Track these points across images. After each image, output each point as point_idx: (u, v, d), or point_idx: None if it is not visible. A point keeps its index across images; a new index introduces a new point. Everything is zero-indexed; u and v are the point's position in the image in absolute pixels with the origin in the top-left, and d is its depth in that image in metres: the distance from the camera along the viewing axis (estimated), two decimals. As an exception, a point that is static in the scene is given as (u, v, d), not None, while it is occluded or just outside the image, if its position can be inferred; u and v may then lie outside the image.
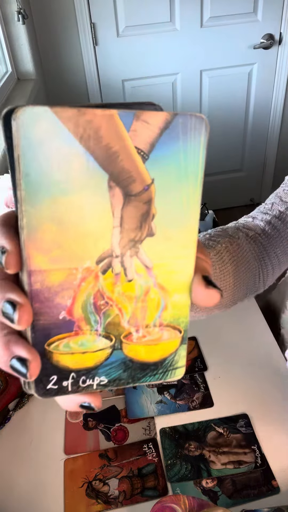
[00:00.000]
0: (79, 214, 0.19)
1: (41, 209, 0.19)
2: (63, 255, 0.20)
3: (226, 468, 0.62)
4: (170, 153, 0.20)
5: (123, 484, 0.61)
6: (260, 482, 0.60)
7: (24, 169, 0.18)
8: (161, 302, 0.23)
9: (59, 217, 0.19)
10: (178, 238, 0.21)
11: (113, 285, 0.21)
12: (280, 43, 2.13)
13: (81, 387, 0.23)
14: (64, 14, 1.91)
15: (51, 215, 0.19)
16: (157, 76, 2.14)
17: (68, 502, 0.59)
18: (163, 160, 0.20)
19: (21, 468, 0.64)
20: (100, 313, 0.22)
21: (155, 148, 0.19)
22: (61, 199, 0.19)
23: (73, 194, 0.19)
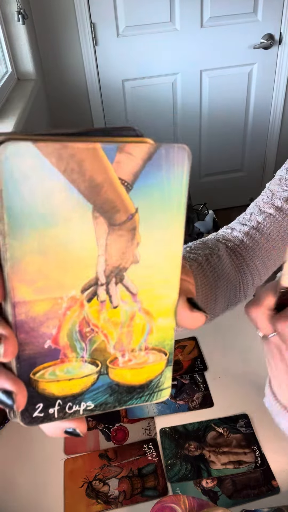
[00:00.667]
0: (64, 245, 0.19)
1: (25, 242, 0.19)
2: (48, 285, 0.20)
3: (226, 468, 0.62)
4: (154, 183, 0.20)
5: (123, 484, 0.61)
6: (260, 482, 0.60)
7: (7, 203, 0.18)
8: (146, 326, 0.23)
9: (44, 248, 0.19)
10: (163, 264, 0.22)
11: (98, 312, 0.22)
12: (280, 43, 2.13)
13: (67, 414, 0.23)
14: (64, 14, 1.91)
15: (36, 247, 0.19)
16: (157, 76, 2.14)
17: (68, 502, 0.59)
18: (147, 189, 0.20)
19: (21, 468, 0.64)
20: (86, 340, 0.22)
21: (138, 178, 0.20)
22: (46, 231, 0.19)
23: (58, 226, 0.19)
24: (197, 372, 0.77)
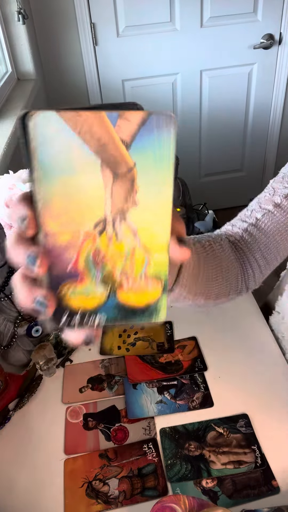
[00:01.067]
0: (80, 190, 0.26)
1: (52, 186, 0.25)
2: (68, 221, 0.26)
3: (226, 468, 0.62)
4: (147, 143, 0.25)
5: (123, 484, 0.61)
6: (260, 482, 0.60)
7: (39, 157, 0.24)
8: (145, 259, 0.29)
9: (65, 192, 0.26)
10: (156, 208, 0.27)
11: (107, 245, 0.28)
12: (280, 43, 2.13)
13: (85, 323, 0.29)
14: (64, 14, 1.91)
15: (60, 190, 0.26)
16: (157, 76, 2.14)
17: (68, 502, 0.59)
18: (142, 148, 0.25)
19: (21, 468, 0.64)
20: (98, 267, 0.28)
21: (135, 139, 0.25)
22: (67, 179, 0.25)
23: (75, 175, 0.25)
24: (197, 372, 0.77)
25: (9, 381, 0.70)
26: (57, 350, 0.81)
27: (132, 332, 0.85)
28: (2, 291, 0.73)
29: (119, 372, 0.78)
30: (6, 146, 1.16)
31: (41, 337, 0.80)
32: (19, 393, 0.72)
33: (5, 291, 0.73)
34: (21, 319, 0.77)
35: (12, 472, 0.64)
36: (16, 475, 0.63)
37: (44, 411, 0.72)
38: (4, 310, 0.74)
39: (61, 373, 0.79)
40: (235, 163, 2.52)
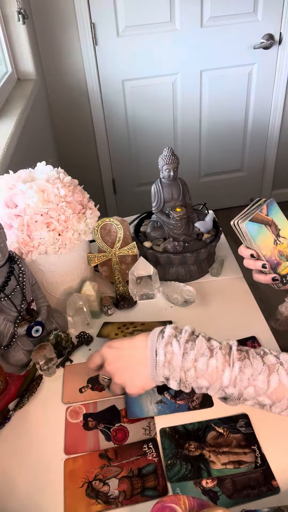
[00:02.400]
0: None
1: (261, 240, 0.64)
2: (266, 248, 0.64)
3: (226, 468, 0.62)
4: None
5: (123, 484, 0.61)
6: (260, 482, 0.60)
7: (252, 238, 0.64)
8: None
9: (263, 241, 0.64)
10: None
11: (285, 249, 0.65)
12: (280, 43, 2.13)
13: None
14: (64, 14, 1.91)
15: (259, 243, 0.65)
16: (157, 76, 2.14)
17: (68, 502, 0.59)
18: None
19: (21, 468, 0.64)
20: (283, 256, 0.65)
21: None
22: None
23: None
24: (197, 372, 0.77)
25: (9, 381, 0.70)
26: (57, 350, 0.81)
27: (131, 326, 0.85)
28: (2, 291, 0.73)
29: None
30: (6, 146, 1.16)
31: (41, 337, 0.80)
32: (19, 393, 0.72)
33: (5, 291, 0.73)
34: (21, 319, 0.77)
35: (12, 472, 0.64)
36: (16, 475, 0.63)
37: (44, 411, 0.72)
38: (4, 310, 0.74)
39: (61, 373, 0.79)
40: (235, 163, 2.52)
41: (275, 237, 0.63)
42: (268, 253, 0.63)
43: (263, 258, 0.63)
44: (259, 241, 0.62)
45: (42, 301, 0.83)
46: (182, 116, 2.27)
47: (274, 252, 0.64)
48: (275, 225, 0.63)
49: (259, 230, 0.62)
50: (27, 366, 0.76)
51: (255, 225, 0.62)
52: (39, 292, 0.83)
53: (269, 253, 0.63)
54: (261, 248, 0.63)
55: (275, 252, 0.64)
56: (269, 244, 0.63)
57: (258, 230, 0.62)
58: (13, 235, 0.79)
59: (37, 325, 0.79)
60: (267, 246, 0.63)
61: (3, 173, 0.89)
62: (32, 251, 0.79)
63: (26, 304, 0.77)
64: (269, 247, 0.63)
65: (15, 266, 0.76)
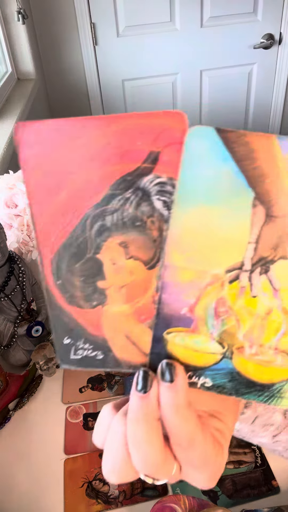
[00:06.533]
0: (219, 225, 0.21)
1: (187, 214, 0.21)
2: (196, 258, 0.22)
3: (226, 468, 0.62)
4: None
5: (123, 484, 0.61)
6: (260, 482, 0.60)
7: (182, 177, 0.20)
8: (282, 326, 0.23)
9: (201, 223, 0.21)
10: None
11: (236, 297, 0.22)
12: (280, 43, 2.13)
13: (187, 381, 0.24)
14: (64, 14, 1.91)
15: (195, 220, 0.21)
16: (157, 76, 2.14)
17: (68, 502, 0.59)
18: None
19: (21, 468, 0.64)
20: (218, 319, 0.23)
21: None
22: (207, 208, 0.21)
23: (218, 206, 0.21)
24: (197, 372, 0.77)
25: (9, 381, 0.70)
26: (57, 350, 0.81)
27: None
28: (2, 291, 0.73)
29: (119, 372, 0.78)
30: (6, 146, 1.16)
31: (41, 337, 0.80)
32: (19, 393, 0.72)
33: (5, 291, 0.73)
34: (21, 319, 0.77)
35: (12, 472, 0.64)
36: (16, 475, 0.63)
37: (44, 411, 0.72)
38: (4, 310, 0.74)
39: (61, 373, 0.79)
40: (235, 163, 2.52)
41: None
42: (190, 277, 0.29)
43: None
44: None
45: (42, 301, 0.83)
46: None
47: (206, 290, 0.33)
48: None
49: (211, 190, 0.30)
50: (27, 366, 0.76)
51: None
52: (39, 292, 0.83)
53: (193, 279, 0.30)
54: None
55: (207, 292, 0.33)
56: (213, 260, 0.32)
57: (210, 185, 0.30)
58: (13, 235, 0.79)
59: (37, 325, 0.79)
60: (201, 259, 0.33)
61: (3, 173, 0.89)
62: (32, 251, 0.79)
63: (26, 304, 0.77)
64: (206, 267, 0.33)
65: (15, 266, 0.76)
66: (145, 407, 0.23)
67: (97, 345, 0.24)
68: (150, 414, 0.23)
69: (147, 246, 0.22)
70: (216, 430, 0.26)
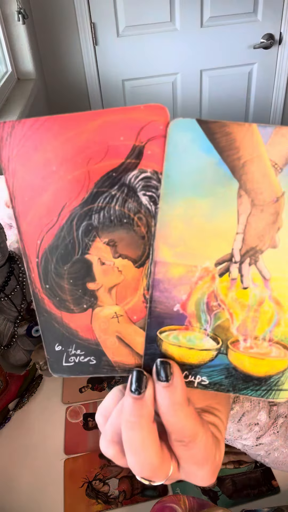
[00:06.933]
0: (206, 217, 0.21)
1: (173, 207, 0.20)
2: (186, 252, 0.21)
3: (226, 468, 0.62)
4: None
5: (123, 484, 0.61)
6: (260, 482, 0.60)
7: (166, 171, 0.20)
8: (275, 316, 0.22)
9: (188, 217, 0.21)
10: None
11: (227, 289, 0.22)
12: (280, 43, 2.13)
13: (183, 379, 0.23)
14: (64, 14, 1.91)
15: (182, 214, 0.21)
16: (157, 76, 2.14)
17: (68, 502, 0.59)
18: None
19: (21, 468, 0.64)
20: (211, 314, 0.22)
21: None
22: (193, 200, 0.20)
23: (204, 198, 0.20)
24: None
25: (9, 381, 0.70)
26: (57, 350, 0.81)
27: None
28: (2, 291, 0.73)
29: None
30: (6, 146, 1.15)
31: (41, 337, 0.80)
32: (19, 393, 0.72)
33: (5, 291, 0.73)
34: (21, 319, 0.77)
35: (12, 472, 0.64)
36: (16, 475, 0.63)
37: (44, 411, 0.72)
38: (4, 310, 0.74)
39: (61, 373, 0.79)
40: (235, 163, 2.52)
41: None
42: (180, 272, 0.30)
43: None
44: None
45: (42, 301, 0.83)
46: (182, 115, 2.25)
47: (197, 285, 0.30)
48: (276, 210, 0.34)
49: (196, 182, 0.28)
50: (27, 366, 0.76)
51: None
52: (39, 292, 0.83)
53: (183, 274, 0.29)
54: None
55: (199, 287, 0.30)
56: (202, 253, 0.30)
57: (195, 177, 0.28)
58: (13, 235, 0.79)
59: (37, 325, 0.79)
60: (190, 253, 0.28)
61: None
62: (32, 251, 0.79)
63: (26, 304, 0.77)
64: (195, 261, 0.30)
65: (15, 266, 0.76)
66: (140, 409, 0.22)
67: (90, 350, 0.24)
68: (144, 416, 0.22)
69: (135, 243, 0.22)
70: (212, 425, 0.26)
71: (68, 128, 0.20)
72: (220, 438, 0.26)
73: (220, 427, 0.27)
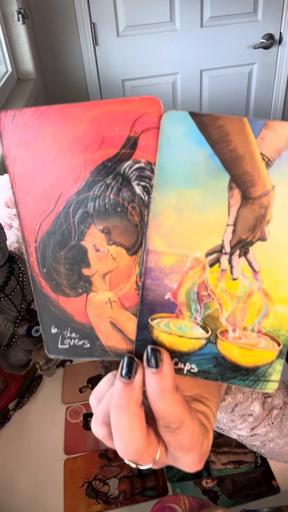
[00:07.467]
0: (197, 208, 0.21)
1: (166, 198, 0.21)
2: (177, 242, 0.22)
3: (226, 468, 0.62)
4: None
5: (123, 484, 0.61)
6: (260, 482, 0.60)
7: (159, 162, 0.20)
8: (263, 308, 0.23)
9: (180, 207, 0.21)
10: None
11: (217, 280, 0.22)
12: (280, 43, 2.13)
13: (173, 367, 0.24)
14: (64, 14, 1.91)
15: (174, 204, 0.21)
16: (157, 76, 2.14)
17: (68, 502, 0.59)
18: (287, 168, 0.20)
19: (21, 468, 0.64)
20: (201, 303, 0.23)
21: (281, 156, 0.20)
22: (185, 192, 0.21)
23: (196, 189, 0.21)
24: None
25: (9, 381, 0.70)
26: (57, 350, 0.81)
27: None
28: (2, 291, 0.73)
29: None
30: (6, 146, 1.15)
31: (41, 337, 0.80)
32: (19, 393, 0.72)
33: (5, 291, 0.73)
34: (21, 319, 0.77)
35: (12, 472, 0.64)
36: (16, 475, 0.63)
37: (44, 411, 0.72)
38: (4, 310, 0.74)
39: (61, 373, 0.79)
40: (235, 163, 2.52)
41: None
42: (171, 261, 0.30)
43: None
44: None
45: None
46: (182, 116, 2.27)
47: (188, 275, 0.30)
48: (266, 203, 0.30)
49: (188, 173, 0.29)
50: (27, 366, 0.76)
51: None
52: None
53: (174, 264, 0.30)
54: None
55: (189, 276, 0.30)
56: (193, 243, 0.31)
57: (187, 169, 0.29)
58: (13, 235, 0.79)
59: (37, 325, 0.79)
60: (182, 243, 0.31)
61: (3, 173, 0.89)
62: (32, 251, 0.79)
63: (26, 304, 0.77)
64: (186, 251, 0.31)
65: (15, 266, 0.76)
66: (128, 393, 0.23)
67: (84, 334, 0.24)
68: (132, 400, 0.23)
69: (129, 231, 0.22)
70: (201, 413, 0.27)
71: (66, 117, 0.21)
72: (209, 426, 0.27)
73: (210, 416, 0.27)
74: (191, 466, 0.25)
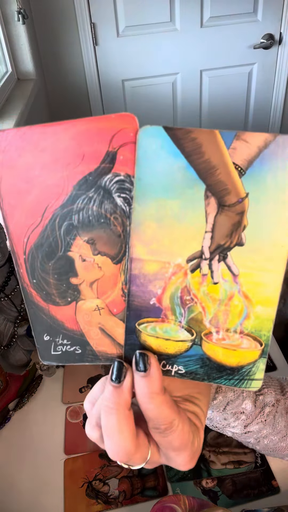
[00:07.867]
0: (176, 216, 0.22)
1: (146, 208, 0.22)
2: (159, 249, 0.23)
3: (226, 468, 0.62)
4: (267, 171, 0.21)
5: (123, 484, 0.61)
6: (260, 482, 0.60)
7: (138, 174, 0.22)
8: (244, 310, 0.24)
9: (160, 216, 0.22)
10: (267, 251, 0.22)
11: (199, 284, 0.24)
12: (280, 43, 2.13)
13: (161, 370, 0.25)
14: (64, 14, 1.91)
15: (154, 214, 0.22)
16: (157, 76, 2.14)
17: (68, 502, 0.59)
18: (260, 176, 0.21)
19: (21, 468, 0.64)
20: (185, 307, 0.24)
21: (252, 165, 0.21)
22: (164, 201, 0.22)
23: (174, 199, 0.22)
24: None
25: (9, 381, 0.70)
26: (57, 350, 0.81)
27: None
28: (2, 291, 0.73)
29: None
30: (6, 146, 1.15)
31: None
32: (19, 393, 0.72)
33: (5, 291, 0.73)
34: (21, 319, 0.77)
35: (12, 472, 0.64)
36: (16, 475, 0.63)
37: (44, 411, 0.72)
38: (4, 310, 0.74)
39: (61, 373, 0.79)
40: (235, 163, 2.52)
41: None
42: (154, 268, 0.32)
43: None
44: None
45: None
46: (182, 116, 2.27)
47: (171, 280, 0.32)
48: (242, 210, 0.34)
49: (166, 184, 0.31)
50: (27, 366, 0.76)
51: None
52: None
53: (157, 270, 0.31)
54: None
55: (172, 282, 0.32)
56: (174, 250, 0.32)
57: (165, 180, 0.30)
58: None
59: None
60: (163, 250, 0.32)
61: None
62: (32, 251, 0.79)
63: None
64: (168, 258, 0.32)
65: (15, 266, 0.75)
66: (117, 396, 0.24)
67: (75, 340, 0.26)
68: (121, 403, 0.24)
69: (112, 241, 0.23)
70: (191, 413, 0.28)
71: (46, 137, 0.22)
72: (200, 425, 0.27)
73: (200, 415, 0.28)
74: (184, 464, 0.26)
